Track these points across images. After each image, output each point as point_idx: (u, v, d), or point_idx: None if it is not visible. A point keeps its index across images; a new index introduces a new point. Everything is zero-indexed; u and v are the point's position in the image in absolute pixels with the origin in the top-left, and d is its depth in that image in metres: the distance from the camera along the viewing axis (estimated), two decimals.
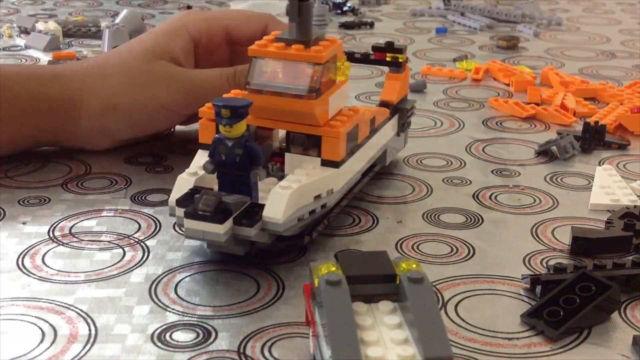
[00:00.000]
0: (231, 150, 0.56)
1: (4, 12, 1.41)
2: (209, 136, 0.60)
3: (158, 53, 0.75)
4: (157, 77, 0.74)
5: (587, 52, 1.24)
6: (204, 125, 0.64)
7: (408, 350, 0.41)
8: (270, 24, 0.78)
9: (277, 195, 0.57)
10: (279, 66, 0.61)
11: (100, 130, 0.76)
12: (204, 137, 0.63)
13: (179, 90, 0.74)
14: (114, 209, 0.68)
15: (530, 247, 0.64)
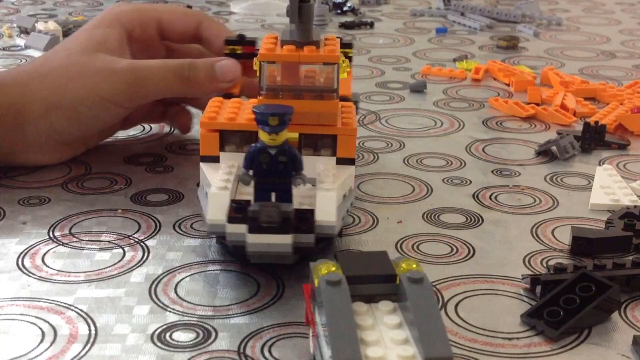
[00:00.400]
0: (275, 158, 0.55)
1: (4, 12, 1.42)
2: (213, 148, 0.60)
3: (94, 46, 0.73)
4: (97, 70, 0.72)
5: (587, 52, 1.24)
6: (207, 136, 0.62)
7: (408, 350, 0.41)
8: (203, 22, 0.78)
9: (325, 198, 0.55)
10: (293, 69, 0.60)
11: (47, 132, 0.73)
12: (208, 149, 0.62)
13: (120, 82, 0.71)
14: (114, 209, 0.68)
15: (530, 247, 0.64)
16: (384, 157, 0.81)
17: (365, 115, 0.93)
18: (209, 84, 0.72)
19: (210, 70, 0.71)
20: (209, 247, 0.63)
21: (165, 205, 0.70)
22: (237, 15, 1.46)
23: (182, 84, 0.72)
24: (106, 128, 0.79)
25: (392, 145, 0.84)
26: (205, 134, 0.62)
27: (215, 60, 0.72)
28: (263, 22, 1.40)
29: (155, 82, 0.71)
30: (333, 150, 0.62)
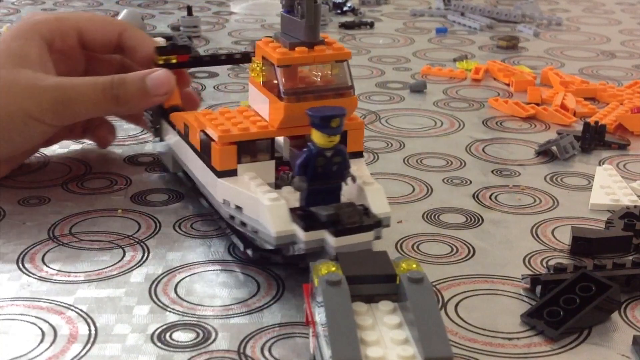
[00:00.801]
0: (330, 160, 0.54)
1: (4, 12, 1.42)
2: (231, 161, 0.58)
3: (16, 61, 0.68)
4: (22, 87, 0.67)
5: (587, 52, 1.24)
6: (225, 150, 0.58)
7: (408, 350, 0.41)
8: (126, 31, 0.74)
9: (375, 192, 0.56)
10: (310, 70, 0.59)
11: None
12: (226, 164, 0.59)
13: (46, 100, 0.67)
14: (114, 209, 0.68)
15: (530, 247, 0.64)
16: (384, 157, 0.81)
17: (365, 115, 0.93)
18: (140, 100, 0.68)
19: (140, 84, 0.68)
20: (209, 247, 0.63)
21: (165, 205, 0.70)
22: (237, 15, 1.46)
23: (111, 103, 0.68)
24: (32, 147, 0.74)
25: (392, 145, 0.84)
26: (223, 148, 0.58)
27: (146, 73, 0.69)
28: (263, 22, 1.40)
29: (83, 101, 0.67)
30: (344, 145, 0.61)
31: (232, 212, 0.59)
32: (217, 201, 0.60)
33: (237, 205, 0.58)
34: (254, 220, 0.56)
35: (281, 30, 0.60)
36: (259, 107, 0.61)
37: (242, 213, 0.57)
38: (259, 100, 0.60)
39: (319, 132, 0.53)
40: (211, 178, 0.60)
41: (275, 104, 0.58)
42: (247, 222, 0.57)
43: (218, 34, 1.31)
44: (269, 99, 0.59)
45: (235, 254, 0.62)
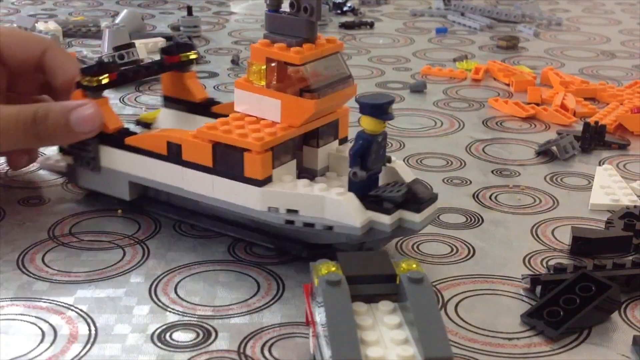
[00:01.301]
0: (380, 145, 0.57)
1: (4, 12, 1.42)
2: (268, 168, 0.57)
3: None
4: None
5: (587, 52, 1.24)
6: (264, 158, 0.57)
7: (408, 350, 0.41)
8: (49, 51, 0.70)
9: (402, 167, 0.61)
10: (320, 65, 0.59)
11: None
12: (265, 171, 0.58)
13: None
14: (114, 209, 0.68)
15: (530, 247, 0.64)
16: None
17: None
18: (63, 137, 0.65)
19: (64, 121, 0.63)
20: (209, 247, 0.63)
21: None
22: (237, 15, 1.46)
23: (32, 139, 0.64)
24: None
25: (392, 145, 0.84)
26: (262, 157, 0.57)
27: (71, 107, 0.63)
28: (263, 22, 1.39)
29: (1, 136, 0.63)
30: (335, 134, 0.64)
31: (287, 217, 0.58)
32: (258, 211, 0.58)
33: (290, 209, 0.57)
34: (321, 219, 0.57)
35: (269, 30, 0.59)
36: (259, 110, 0.60)
37: (300, 215, 0.57)
38: (259, 104, 0.59)
39: (374, 120, 0.55)
40: (242, 190, 0.58)
41: (297, 102, 0.58)
42: (314, 222, 0.57)
43: (218, 34, 1.31)
44: (283, 99, 0.58)
45: (236, 253, 0.62)
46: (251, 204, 0.58)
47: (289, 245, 0.60)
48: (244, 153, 0.57)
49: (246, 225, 0.62)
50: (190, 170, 0.61)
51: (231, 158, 0.58)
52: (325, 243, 0.58)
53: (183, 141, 0.61)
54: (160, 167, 0.63)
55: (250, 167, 0.57)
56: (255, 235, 0.62)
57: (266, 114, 0.59)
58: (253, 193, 0.58)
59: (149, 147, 0.63)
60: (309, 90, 0.58)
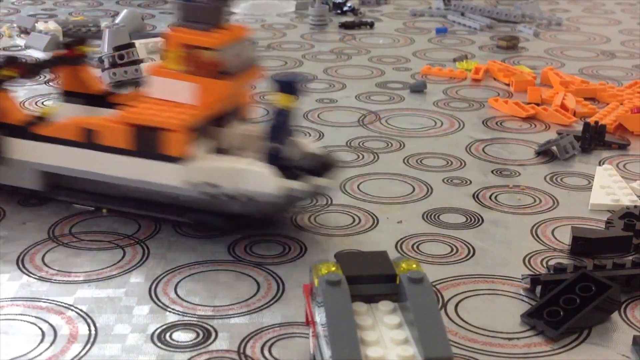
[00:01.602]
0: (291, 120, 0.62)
1: (4, 12, 1.41)
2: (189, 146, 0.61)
3: None
4: None
5: (587, 52, 1.24)
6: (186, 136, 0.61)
7: (408, 350, 0.41)
8: None
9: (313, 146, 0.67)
10: (232, 50, 0.64)
11: None
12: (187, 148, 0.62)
13: None
14: (114, 209, 0.68)
15: (530, 247, 0.64)
16: (384, 157, 0.81)
17: (365, 115, 0.93)
18: None
19: None
20: (209, 247, 0.63)
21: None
22: (237, 15, 1.46)
23: None
24: None
25: (392, 145, 0.84)
26: (184, 136, 0.61)
27: None
28: (263, 22, 1.40)
29: None
30: (241, 115, 0.69)
31: (208, 190, 0.61)
32: (182, 188, 0.62)
33: (212, 183, 0.61)
34: (242, 190, 0.61)
35: (180, 18, 0.63)
36: (174, 94, 0.63)
37: (222, 188, 0.61)
38: (175, 88, 0.63)
39: (289, 96, 0.60)
40: (164, 168, 0.62)
41: (214, 85, 0.62)
42: (236, 194, 0.61)
43: None
44: (200, 82, 0.62)
45: (236, 253, 0.62)
46: (174, 181, 0.62)
47: (210, 218, 0.63)
48: (166, 132, 0.61)
49: (166, 204, 0.65)
50: (108, 155, 0.63)
51: (152, 138, 0.62)
52: (246, 213, 0.62)
53: (100, 126, 0.63)
54: (76, 154, 0.65)
55: (173, 145, 0.61)
56: (175, 212, 0.65)
57: (183, 98, 0.63)
58: (176, 170, 0.62)
59: (63, 135, 0.65)
60: (225, 73, 0.62)
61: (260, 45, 1.23)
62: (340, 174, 0.67)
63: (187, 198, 0.63)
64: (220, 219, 0.63)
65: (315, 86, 1.04)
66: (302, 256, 0.62)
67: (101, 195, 0.67)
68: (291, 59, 1.16)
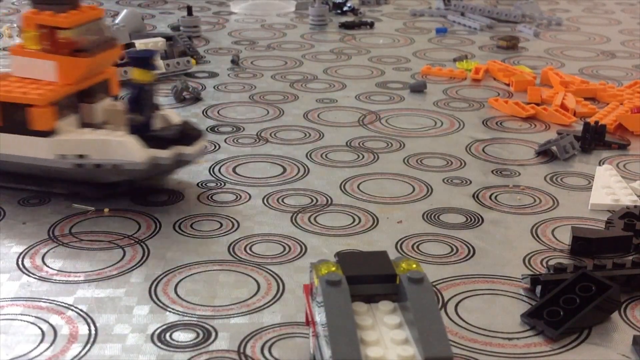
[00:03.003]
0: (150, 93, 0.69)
1: (4, 12, 1.42)
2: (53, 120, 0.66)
3: None
4: None
5: (587, 52, 1.24)
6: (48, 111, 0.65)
7: (408, 350, 0.41)
8: None
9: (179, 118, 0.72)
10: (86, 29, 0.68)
11: None
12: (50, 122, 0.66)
13: None
14: (114, 209, 0.68)
15: (530, 247, 0.64)
16: (384, 157, 0.81)
17: (365, 115, 0.93)
18: None
19: None
20: (209, 247, 0.63)
21: (165, 205, 0.70)
22: (237, 15, 1.46)
23: None
24: None
25: (392, 145, 0.84)
26: (45, 110, 0.65)
27: None
28: (263, 22, 1.40)
29: None
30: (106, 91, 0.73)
31: (78, 161, 0.66)
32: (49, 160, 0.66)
33: (80, 154, 0.66)
34: (108, 159, 0.66)
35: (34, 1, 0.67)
36: (36, 73, 0.67)
37: (89, 158, 0.66)
38: (35, 67, 0.67)
39: (145, 71, 0.66)
40: (30, 142, 0.66)
41: (70, 62, 0.66)
42: (102, 163, 0.66)
43: (218, 34, 1.31)
44: (58, 60, 0.66)
45: (236, 253, 0.62)
46: (41, 154, 0.66)
47: (83, 188, 0.68)
48: (29, 108, 0.65)
49: (38, 176, 0.68)
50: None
51: (17, 114, 0.66)
52: (114, 181, 0.67)
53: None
54: None
55: (37, 120, 0.65)
56: (48, 184, 0.69)
57: (43, 75, 0.67)
58: (42, 144, 0.66)
59: None
60: (80, 50, 0.66)
61: (260, 45, 1.23)
62: (205, 143, 0.71)
63: (57, 170, 0.67)
64: (91, 189, 0.68)
65: (315, 86, 1.04)
66: (302, 256, 0.62)
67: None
68: (291, 59, 1.16)
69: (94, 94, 0.71)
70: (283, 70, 1.11)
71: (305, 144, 0.84)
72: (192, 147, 0.68)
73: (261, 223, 0.66)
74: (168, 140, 0.67)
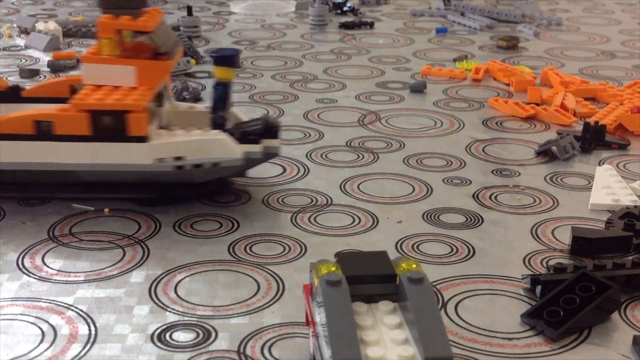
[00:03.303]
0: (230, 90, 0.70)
1: (4, 12, 1.42)
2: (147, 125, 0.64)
3: None
4: None
5: (587, 52, 1.24)
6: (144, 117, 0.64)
7: (408, 350, 0.41)
8: None
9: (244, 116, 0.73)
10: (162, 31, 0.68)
11: None
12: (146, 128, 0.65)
13: None
14: (114, 209, 0.68)
15: (530, 247, 0.64)
16: (384, 157, 0.81)
17: (365, 115, 0.93)
18: None
19: None
20: (209, 247, 0.63)
21: (166, 205, 0.70)
22: (237, 15, 1.46)
23: None
24: None
25: (392, 145, 0.84)
26: (142, 116, 0.64)
27: None
28: (263, 22, 1.40)
29: None
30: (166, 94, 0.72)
31: (177, 163, 0.66)
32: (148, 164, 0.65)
33: (177, 156, 0.65)
34: (207, 158, 0.66)
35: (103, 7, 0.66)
36: (112, 79, 0.66)
37: (188, 159, 0.66)
38: (112, 73, 0.65)
39: (230, 69, 0.67)
40: (128, 149, 0.65)
41: (153, 65, 0.66)
42: (202, 163, 0.66)
43: (218, 34, 1.31)
44: (137, 65, 0.65)
45: (236, 253, 0.62)
46: (139, 160, 0.65)
47: (178, 191, 0.68)
48: (127, 114, 0.64)
49: (131, 184, 0.68)
50: (64, 144, 0.65)
51: (113, 122, 0.64)
52: (212, 179, 0.68)
53: (54, 117, 0.65)
54: (27, 148, 0.65)
55: (134, 125, 0.64)
56: (141, 190, 0.68)
57: (120, 82, 0.66)
58: (139, 149, 0.65)
59: (11, 130, 0.65)
60: (161, 53, 0.66)
61: (261, 45, 1.23)
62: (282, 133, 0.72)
63: (154, 174, 0.66)
64: (189, 190, 0.68)
65: (315, 86, 1.04)
66: (302, 256, 0.62)
67: (56, 185, 0.68)
68: (291, 59, 1.16)
69: (161, 97, 0.70)
70: (283, 70, 1.11)
71: (305, 144, 0.84)
72: (277, 140, 0.69)
73: (261, 223, 0.66)
74: (257, 135, 0.68)
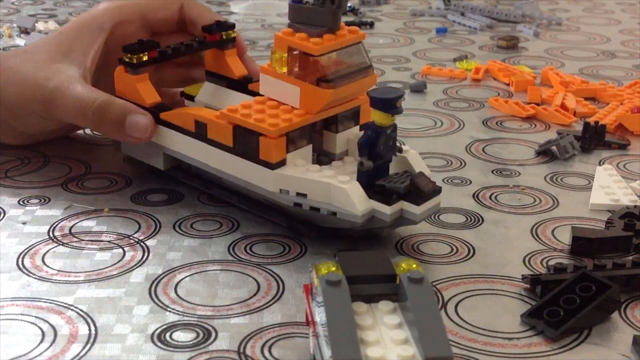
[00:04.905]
0: (389, 137, 0.59)
1: (4, 12, 1.41)
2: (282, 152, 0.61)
3: (59, 54, 0.73)
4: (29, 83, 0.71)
5: (587, 52, 1.24)
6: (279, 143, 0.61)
7: (408, 350, 0.41)
8: (184, 4, 0.77)
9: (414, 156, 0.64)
10: (340, 55, 0.62)
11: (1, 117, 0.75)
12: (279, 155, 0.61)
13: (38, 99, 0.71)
14: (114, 209, 0.68)
15: (530, 247, 0.64)
16: None
17: None
18: (115, 133, 0.69)
19: (119, 119, 0.68)
20: (209, 247, 0.63)
21: (165, 205, 0.70)
22: (237, 15, 1.46)
23: (89, 122, 0.70)
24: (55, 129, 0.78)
25: None
26: (276, 142, 0.61)
27: (131, 110, 0.68)
28: (263, 22, 1.40)
29: (66, 112, 0.70)
30: (357, 119, 0.66)
31: (296, 200, 0.61)
32: (271, 192, 0.62)
33: (300, 192, 0.61)
34: (326, 204, 0.60)
35: (292, 20, 0.62)
36: (280, 95, 0.63)
37: (308, 199, 0.61)
38: (281, 89, 0.62)
39: (383, 113, 0.58)
40: (257, 171, 0.62)
41: (314, 91, 0.61)
42: (320, 207, 0.60)
43: None
44: (301, 87, 0.61)
45: (236, 253, 0.62)
46: (265, 184, 0.62)
47: (300, 225, 0.64)
48: (260, 137, 0.61)
49: (262, 203, 0.65)
50: (213, 148, 0.65)
51: (248, 140, 0.62)
52: (329, 227, 0.62)
53: (209, 121, 0.65)
54: (189, 143, 0.67)
55: (265, 150, 0.61)
56: (270, 213, 0.66)
57: (287, 99, 0.62)
58: (266, 175, 0.62)
59: (180, 123, 0.67)
60: (326, 80, 0.60)
61: (261, 45, 1.23)
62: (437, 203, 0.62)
63: (276, 202, 0.63)
64: (310, 228, 0.63)
65: None
66: (302, 256, 0.62)
67: (212, 183, 0.69)
68: None
69: (339, 122, 0.65)
70: None
71: None
72: (419, 207, 0.59)
73: (261, 223, 0.66)
74: (395, 194, 0.59)
